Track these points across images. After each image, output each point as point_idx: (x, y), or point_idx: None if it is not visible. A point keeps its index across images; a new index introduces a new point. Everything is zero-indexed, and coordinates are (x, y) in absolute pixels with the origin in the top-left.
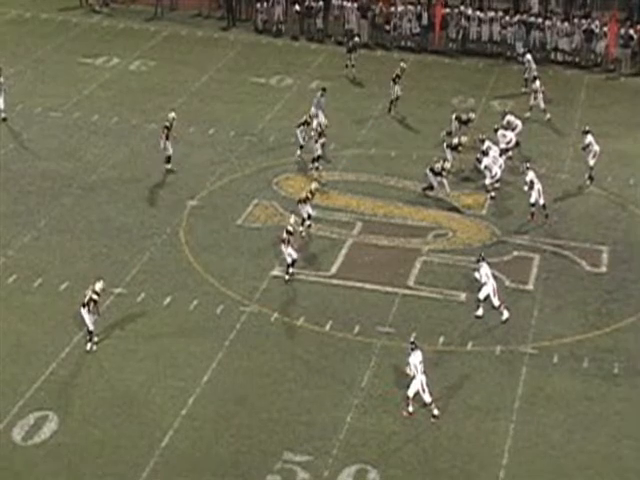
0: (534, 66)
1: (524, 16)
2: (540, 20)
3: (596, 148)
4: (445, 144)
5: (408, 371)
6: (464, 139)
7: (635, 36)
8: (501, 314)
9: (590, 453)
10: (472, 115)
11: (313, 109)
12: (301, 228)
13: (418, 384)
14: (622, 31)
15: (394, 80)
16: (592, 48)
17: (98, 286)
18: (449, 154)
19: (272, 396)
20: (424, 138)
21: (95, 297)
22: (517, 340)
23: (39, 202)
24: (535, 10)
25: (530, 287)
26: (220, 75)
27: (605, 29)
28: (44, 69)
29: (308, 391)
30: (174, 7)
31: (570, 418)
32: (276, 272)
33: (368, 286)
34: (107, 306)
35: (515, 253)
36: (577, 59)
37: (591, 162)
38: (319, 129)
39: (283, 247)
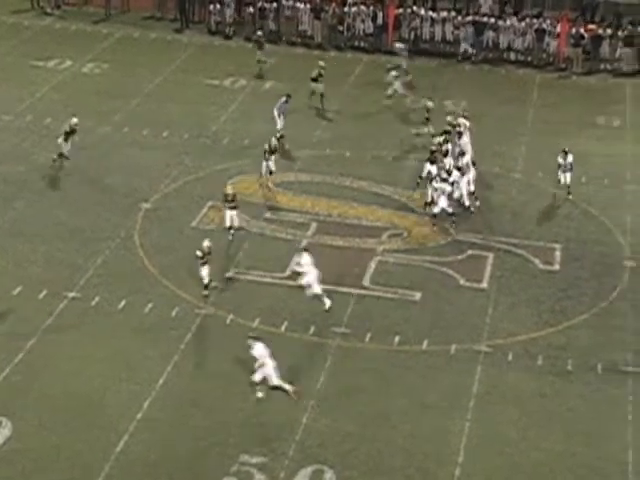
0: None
1: (477, 16)
2: (493, 20)
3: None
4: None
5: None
6: (426, 130)
7: (586, 35)
8: (324, 303)
9: (544, 450)
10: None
11: (275, 112)
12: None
13: (270, 370)
14: (573, 30)
15: (315, 80)
16: (544, 47)
17: None
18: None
19: (228, 398)
20: (378, 139)
21: None
22: (472, 338)
23: None
24: (484, 10)
25: (484, 285)
26: (174, 77)
27: (557, 28)
28: None
29: (264, 393)
30: (125, 9)
31: (524, 415)
32: (231, 274)
33: (323, 286)
34: (61, 310)
35: (469, 252)
36: (529, 58)
37: (568, 179)
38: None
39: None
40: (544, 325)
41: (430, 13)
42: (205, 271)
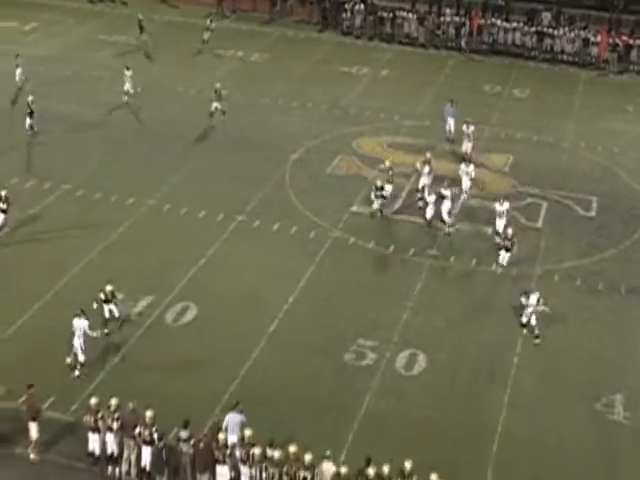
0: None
1: (539, 27)
2: (551, 30)
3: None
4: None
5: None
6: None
7: (620, 44)
8: None
9: (581, 348)
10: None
11: (448, 118)
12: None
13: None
14: (610, 40)
15: (218, 96)
16: (588, 52)
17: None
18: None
19: (350, 298)
20: (461, 114)
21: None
22: (529, 264)
23: (185, 153)
24: (545, 22)
25: (539, 225)
26: (316, 65)
27: (598, 38)
28: None
29: (376, 295)
30: (283, 15)
31: (566, 322)
32: (354, 209)
33: (420, 220)
34: (233, 228)
35: (529, 200)
36: (577, 60)
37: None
38: (450, 134)
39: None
40: (582, 256)
41: (504, 23)
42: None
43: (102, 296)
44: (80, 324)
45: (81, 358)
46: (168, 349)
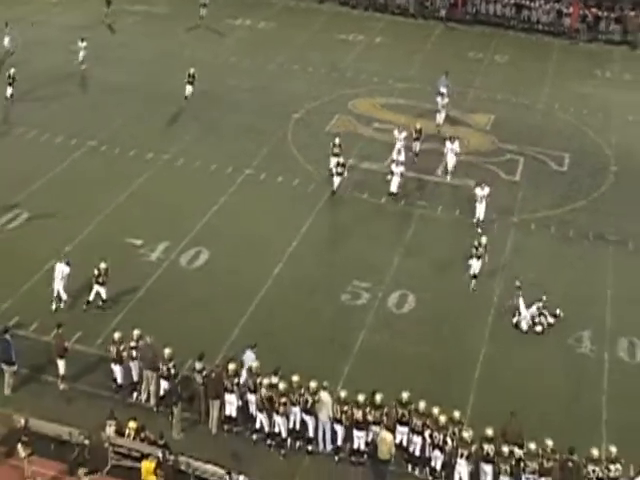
0: None
1: None
2: (528, 2)
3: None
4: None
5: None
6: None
7: (589, 15)
8: None
9: (555, 286)
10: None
11: (441, 88)
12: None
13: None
14: (581, 12)
15: (189, 82)
16: (561, 22)
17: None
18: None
19: (346, 244)
20: (451, 78)
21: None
22: (507, 213)
23: (197, 113)
24: None
25: (517, 179)
26: (316, 33)
27: (570, 10)
28: None
29: (370, 241)
30: None
31: (541, 264)
32: (350, 162)
33: (410, 174)
34: (241, 180)
35: (508, 156)
36: (551, 29)
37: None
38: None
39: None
40: (556, 207)
41: None
42: (96, 289)
43: (95, 272)
44: (61, 269)
45: (64, 297)
46: (183, 290)
